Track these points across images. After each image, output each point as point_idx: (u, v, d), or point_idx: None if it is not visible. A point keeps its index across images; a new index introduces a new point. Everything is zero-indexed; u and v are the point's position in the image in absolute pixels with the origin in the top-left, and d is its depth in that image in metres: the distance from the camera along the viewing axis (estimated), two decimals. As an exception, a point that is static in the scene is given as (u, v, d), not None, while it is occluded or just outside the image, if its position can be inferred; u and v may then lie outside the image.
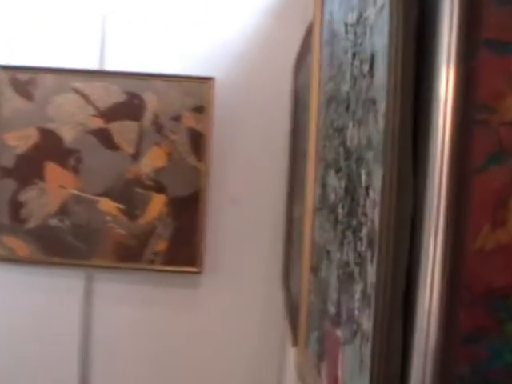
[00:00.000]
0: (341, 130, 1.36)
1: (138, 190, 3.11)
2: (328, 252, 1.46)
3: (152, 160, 3.12)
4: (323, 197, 1.56)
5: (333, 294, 1.37)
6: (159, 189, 3.12)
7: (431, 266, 0.82)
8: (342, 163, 1.33)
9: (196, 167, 3.12)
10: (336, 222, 1.37)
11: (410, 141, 0.91)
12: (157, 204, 3.13)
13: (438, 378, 0.82)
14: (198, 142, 3.11)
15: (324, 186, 1.54)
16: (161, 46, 3.12)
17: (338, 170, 1.37)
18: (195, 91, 3.11)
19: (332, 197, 1.43)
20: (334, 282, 1.37)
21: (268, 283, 3.17)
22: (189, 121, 3.11)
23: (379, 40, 1.05)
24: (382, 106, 1.02)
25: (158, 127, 3.10)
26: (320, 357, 1.51)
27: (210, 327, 3.19)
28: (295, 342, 1.87)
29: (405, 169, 0.91)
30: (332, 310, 1.37)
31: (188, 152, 3.12)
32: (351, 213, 1.23)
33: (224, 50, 3.14)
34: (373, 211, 1.05)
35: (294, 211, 2.65)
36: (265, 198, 3.19)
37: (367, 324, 1.06)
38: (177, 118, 3.11)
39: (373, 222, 1.05)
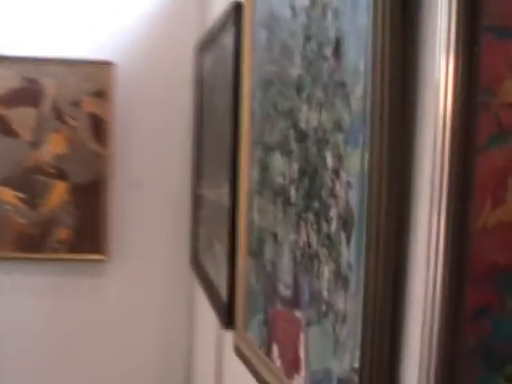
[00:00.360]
0: (290, 113, 1.36)
1: (39, 177, 3.00)
2: (275, 235, 1.46)
3: (52, 147, 3.01)
4: (264, 179, 1.55)
5: (286, 276, 1.37)
6: (61, 176, 3.02)
7: (435, 243, 0.83)
8: (294, 146, 1.33)
9: (98, 153, 3.03)
10: (287, 204, 1.37)
11: (400, 120, 0.92)
12: (58, 192, 3.02)
13: (444, 351, 0.83)
14: (99, 127, 3.03)
15: (265, 168, 1.54)
16: (59, 30, 3.01)
17: (287, 153, 1.37)
18: (94, 75, 3.01)
19: (279, 179, 1.43)
20: (286, 264, 1.37)
21: (176, 267, 3.15)
22: (89, 106, 3.02)
23: (349, 23, 1.05)
24: (355, 89, 1.02)
25: (58, 113, 2.99)
26: (268, 338, 1.51)
27: (117, 315, 3.13)
28: (230, 326, 1.86)
29: (392, 149, 0.92)
30: (286, 292, 1.37)
31: (89, 138, 3.03)
32: (311, 195, 1.23)
33: (124, 35, 3.07)
34: (346, 193, 1.06)
35: (205, 192, 2.64)
36: (169, 182, 3.15)
37: (343, 304, 1.07)
38: (76, 104, 3.01)
39: (348, 203, 1.05)
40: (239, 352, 1.71)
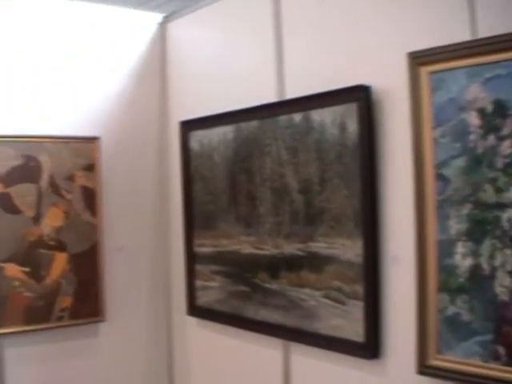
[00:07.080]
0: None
1: (42, 251, 2.81)
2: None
3: (51, 220, 2.86)
4: (482, 231, 1.85)
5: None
6: (60, 247, 2.87)
7: None
8: None
9: (90, 222, 2.96)
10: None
11: None
12: (60, 262, 2.86)
13: None
14: (90, 198, 2.96)
15: (484, 221, 1.83)
16: (50, 110, 2.90)
17: None
18: (84, 151, 2.95)
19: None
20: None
21: (157, 321, 3.20)
22: (81, 179, 2.92)
23: None
24: None
25: (54, 187, 2.86)
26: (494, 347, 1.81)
27: (110, 369, 3.07)
28: (375, 356, 2.11)
29: None
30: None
31: (83, 209, 2.94)
32: None
33: (102, 111, 3.06)
34: None
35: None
36: (147, 244, 3.20)
37: None
38: (70, 178, 2.90)
39: None
40: (434, 368, 1.97)
